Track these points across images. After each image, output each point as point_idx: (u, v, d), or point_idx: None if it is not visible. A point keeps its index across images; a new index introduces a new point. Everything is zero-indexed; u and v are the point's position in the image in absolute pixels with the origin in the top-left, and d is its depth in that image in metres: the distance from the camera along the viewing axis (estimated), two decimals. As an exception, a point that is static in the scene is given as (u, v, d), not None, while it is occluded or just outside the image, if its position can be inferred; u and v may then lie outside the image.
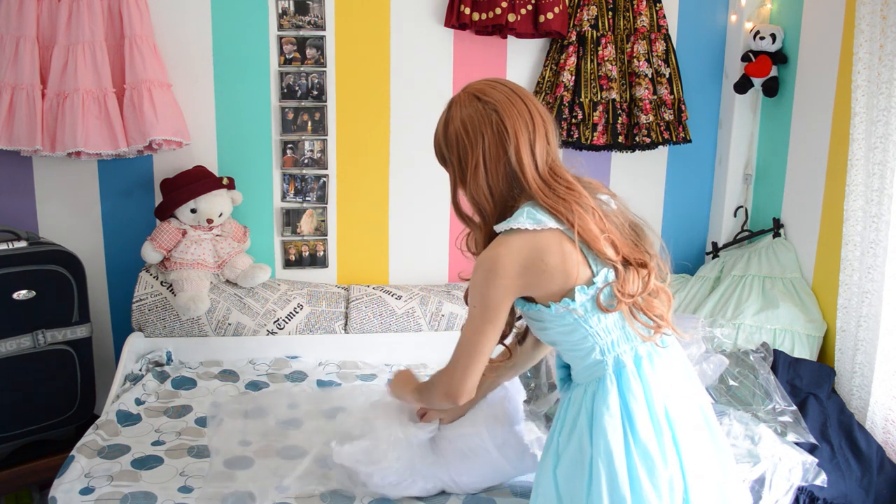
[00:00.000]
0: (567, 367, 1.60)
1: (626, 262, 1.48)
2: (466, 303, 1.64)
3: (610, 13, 2.74)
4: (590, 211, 1.47)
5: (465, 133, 1.51)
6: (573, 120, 2.74)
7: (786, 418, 2.12)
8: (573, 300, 1.44)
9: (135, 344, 2.47)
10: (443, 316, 2.67)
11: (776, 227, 2.74)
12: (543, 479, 1.52)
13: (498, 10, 2.60)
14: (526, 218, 1.45)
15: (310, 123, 2.74)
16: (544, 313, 1.49)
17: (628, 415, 1.43)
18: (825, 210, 2.51)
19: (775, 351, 2.37)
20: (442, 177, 1.62)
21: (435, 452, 1.79)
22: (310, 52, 2.69)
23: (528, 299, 1.52)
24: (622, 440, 1.42)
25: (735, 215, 2.94)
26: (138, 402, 2.19)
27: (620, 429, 1.42)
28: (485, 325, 1.49)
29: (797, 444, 2.04)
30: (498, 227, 1.48)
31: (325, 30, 2.69)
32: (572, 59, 2.71)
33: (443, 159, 1.60)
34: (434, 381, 1.65)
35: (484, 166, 1.50)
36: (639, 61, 2.72)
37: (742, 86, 2.76)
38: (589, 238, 1.44)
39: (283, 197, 2.79)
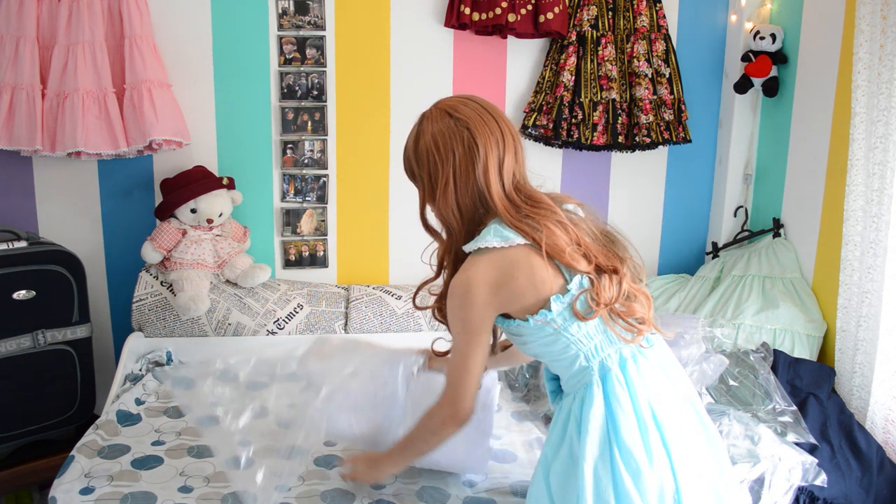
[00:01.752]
0: (556, 380, 1.59)
1: (600, 270, 1.47)
2: (443, 322, 1.64)
3: (610, 13, 2.74)
4: (559, 225, 1.47)
5: (436, 149, 1.51)
6: (573, 120, 2.74)
7: (786, 418, 2.12)
8: (550, 310, 1.45)
9: (135, 344, 2.47)
10: (443, 316, 2.67)
11: (776, 227, 2.74)
12: (537, 488, 1.51)
13: (498, 10, 2.60)
14: (493, 236, 1.45)
15: (310, 123, 2.74)
16: (523, 327, 1.49)
17: (612, 421, 1.43)
18: (825, 210, 2.51)
19: (775, 351, 2.37)
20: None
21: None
22: (310, 52, 2.69)
23: (506, 315, 1.52)
24: (607, 447, 1.41)
25: (735, 215, 2.94)
26: (138, 402, 2.19)
27: (605, 436, 1.42)
28: (470, 348, 1.50)
29: (797, 444, 2.04)
30: (467, 248, 1.49)
31: (325, 30, 2.69)
32: (572, 59, 2.71)
33: (412, 174, 1.60)
34: (430, 417, 1.60)
35: (454, 183, 1.50)
36: (639, 61, 2.72)
37: (742, 86, 2.76)
38: (556, 252, 1.44)
39: (283, 197, 2.79)
